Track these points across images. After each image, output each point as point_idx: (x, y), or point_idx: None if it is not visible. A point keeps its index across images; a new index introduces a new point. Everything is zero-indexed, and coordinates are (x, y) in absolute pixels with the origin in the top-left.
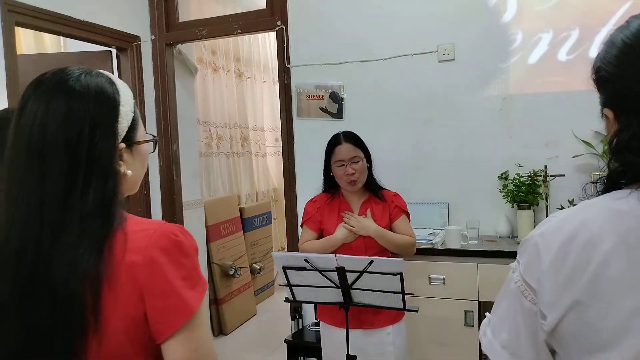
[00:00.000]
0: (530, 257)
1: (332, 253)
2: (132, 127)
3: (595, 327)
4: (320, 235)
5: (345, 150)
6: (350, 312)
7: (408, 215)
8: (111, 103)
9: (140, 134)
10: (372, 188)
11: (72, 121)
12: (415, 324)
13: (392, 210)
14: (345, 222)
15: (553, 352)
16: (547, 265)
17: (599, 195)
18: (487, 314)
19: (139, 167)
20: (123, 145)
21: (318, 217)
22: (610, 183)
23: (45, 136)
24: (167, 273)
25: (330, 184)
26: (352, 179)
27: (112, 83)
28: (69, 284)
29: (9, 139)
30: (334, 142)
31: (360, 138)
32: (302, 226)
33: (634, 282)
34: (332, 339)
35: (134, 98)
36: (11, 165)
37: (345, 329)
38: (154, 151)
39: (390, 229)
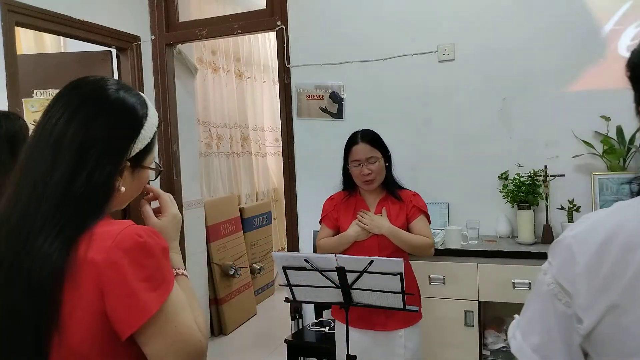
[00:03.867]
0: (564, 259)
1: (345, 251)
2: (144, 151)
3: (632, 331)
4: (337, 233)
5: (361, 150)
6: (361, 313)
7: (427, 216)
8: (136, 124)
9: (149, 160)
10: (390, 187)
11: (94, 128)
12: None
13: (409, 210)
14: (359, 220)
15: (585, 356)
16: (583, 267)
17: (633, 196)
18: (515, 316)
19: (135, 188)
20: (128, 163)
21: (334, 215)
22: None
23: (66, 132)
24: (127, 274)
25: (349, 181)
26: (367, 179)
27: (144, 106)
28: (41, 276)
29: (35, 127)
30: (351, 141)
31: (378, 137)
32: (320, 223)
33: None
34: (344, 337)
35: (158, 126)
36: (29, 151)
37: (358, 329)
38: (154, 179)
39: (408, 229)
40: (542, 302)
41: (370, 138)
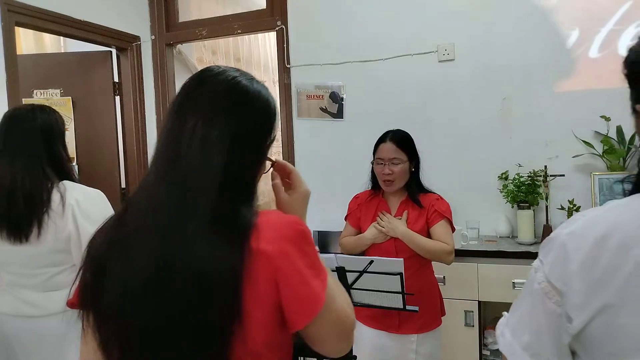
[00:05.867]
0: (557, 257)
1: (362, 253)
2: (270, 143)
3: (625, 331)
4: (359, 232)
5: (386, 149)
6: (374, 313)
7: (450, 221)
8: (273, 115)
9: (269, 151)
10: (411, 191)
11: (238, 123)
12: None
13: (430, 214)
14: (378, 222)
15: (573, 354)
16: (577, 266)
17: (626, 195)
18: (504, 313)
19: (259, 178)
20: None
21: (357, 214)
22: None
23: (210, 130)
24: (297, 263)
25: (375, 181)
26: (387, 179)
27: (272, 97)
28: (219, 276)
29: (166, 118)
30: (380, 138)
31: (409, 139)
32: (345, 220)
33: None
34: (359, 336)
35: None
36: (165, 144)
37: (371, 328)
38: (267, 171)
39: (428, 234)
40: (533, 300)
41: (399, 139)
